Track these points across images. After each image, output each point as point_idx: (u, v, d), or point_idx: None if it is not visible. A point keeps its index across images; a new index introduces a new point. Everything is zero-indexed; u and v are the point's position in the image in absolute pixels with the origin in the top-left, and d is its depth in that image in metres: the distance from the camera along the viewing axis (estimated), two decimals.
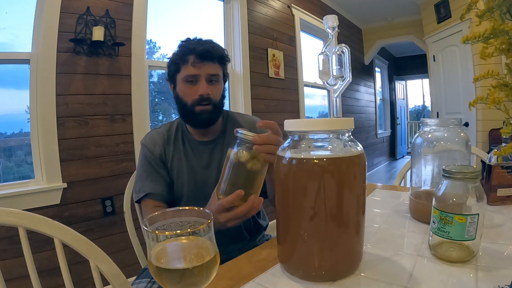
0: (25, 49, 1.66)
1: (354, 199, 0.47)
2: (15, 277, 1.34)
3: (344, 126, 0.47)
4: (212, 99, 0.93)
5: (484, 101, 0.48)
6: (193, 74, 0.91)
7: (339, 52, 0.74)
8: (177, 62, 0.93)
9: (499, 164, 0.78)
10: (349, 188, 0.46)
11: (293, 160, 0.47)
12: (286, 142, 0.51)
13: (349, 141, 0.48)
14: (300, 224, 0.48)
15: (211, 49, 0.91)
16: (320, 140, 0.48)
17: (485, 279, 0.45)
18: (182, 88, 0.93)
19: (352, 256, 0.49)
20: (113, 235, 1.87)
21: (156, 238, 0.36)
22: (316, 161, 0.45)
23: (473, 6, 0.48)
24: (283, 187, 0.50)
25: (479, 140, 3.30)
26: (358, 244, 0.49)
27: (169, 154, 0.97)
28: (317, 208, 0.46)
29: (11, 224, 0.62)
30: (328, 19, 0.77)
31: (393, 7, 4.53)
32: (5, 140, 1.71)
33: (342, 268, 0.49)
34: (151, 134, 1.01)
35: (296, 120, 0.49)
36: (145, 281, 0.88)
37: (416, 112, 9.21)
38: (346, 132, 0.48)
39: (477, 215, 0.49)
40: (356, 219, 0.48)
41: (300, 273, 0.50)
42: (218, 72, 0.95)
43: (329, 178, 0.45)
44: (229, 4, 2.79)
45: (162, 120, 2.55)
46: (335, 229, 0.46)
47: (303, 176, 0.46)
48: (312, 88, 3.94)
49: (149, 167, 0.95)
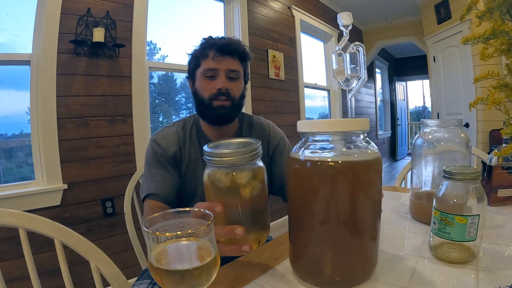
0: (26, 50, 1.66)
1: (371, 203, 0.45)
2: (15, 278, 1.34)
3: (360, 127, 0.45)
4: (231, 94, 0.90)
5: (484, 101, 0.48)
6: (212, 68, 0.89)
7: (354, 50, 0.73)
8: (197, 56, 0.91)
9: (499, 165, 0.78)
10: (365, 193, 0.44)
11: (308, 163, 0.45)
12: (299, 143, 0.49)
13: (364, 143, 0.46)
14: (314, 229, 0.46)
15: (231, 43, 0.90)
16: (335, 142, 0.46)
17: (486, 280, 0.45)
18: (201, 83, 0.91)
19: (368, 262, 0.47)
20: (113, 236, 1.86)
21: (156, 239, 0.36)
22: (331, 163, 0.43)
23: (473, 7, 0.48)
24: (297, 191, 0.48)
25: (480, 140, 3.29)
26: (374, 249, 0.48)
27: (185, 154, 0.93)
28: (332, 213, 0.44)
29: (11, 225, 0.62)
30: (342, 16, 0.75)
31: (393, 8, 4.53)
32: (5, 141, 1.72)
33: (357, 274, 0.47)
34: (165, 131, 0.96)
35: (310, 120, 0.47)
36: (145, 283, 0.87)
37: (417, 113, 9.20)
38: (361, 133, 0.46)
39: (478, 216, 0.49)
40: (373, 225, 0.46)
41: (313, 279, 0.48)
42: (238, 69, 0.93)
43: (344, 181, 0.43)
44: (229, 5, 2.80)
45: (162, 121, 2.55)
46: (351, 234, 0.45)
47: (317, 179, 0.44)
48: (312, 89, 3.95)
49: (157, 165, 0.90)
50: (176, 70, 2.44)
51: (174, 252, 0.38)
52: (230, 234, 0.48)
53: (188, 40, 2.54)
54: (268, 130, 1.03)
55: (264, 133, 1.03)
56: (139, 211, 1.16)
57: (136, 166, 1.96)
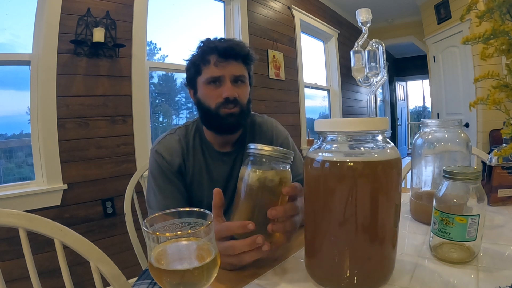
0: (26, 50, 1.66)
1: (392, 207, 0.44)
2: (15, 278, 1.34)
3: (380, 127, 0.43)
4: (239, 101, 0.83)
5: (484, 101, 0.48)
6: (217, 75, 0.82)
7: (373, 48, 0.72)
8: (197, 63, 0.84)
9: (499, 165, 0.77)
10: (386, 195, 0.43)
11: (326, 163, 0.43)
12: (316, 144, 0.47)
13: (384, 143, 0.44)
14: (333, 233, 0.44)
15: (235, 46, 0.82)
16: (354, 142, 0.44)
17: (486, 280, 0.45)
18: (205, 91, 0.84)
19: (387, 266, 0.46)
20: (113, 236, 1.86)
21: (156, 239, 0.36)
22: (350, 164, 0.41)
23: (473, 7, 0.48)
24: (314, 192, 0.46)
25: (480, 140, 3.29)
26: (393, 253, 0.46)
27: (189, 165, 0.88)
28: (353, 216, 0.42)
29: (11, 225, 0.62)
30: (361, 13, 0.73)
31: (393, 8, 4.54)
32: (5, 141, 1.72)
33: (376, 278, 0.45)
34: (167, 141, 0.89)
35: (329, 120, 0.45)
36: (146, 283, 0.87)
37: (417, 113, 9.20)
38: (380, 133, 0.44)
39: (478, 216, 0.49)
40: (394, 230, 0.45)
41: (330, 283, 0.47)
42: (243, 73, 0.86)
43: (365, 183, 0.41)
44: (229, 5, 2.80)
45: (162, 121, 2.55)
46: (372, 238, 0.43)
47: (336, 181, 0.43)
48: (312, 89, 3.95)
49: (164, 179, 0.85)
50: (176, 70, 2.44)
51: (174, 252, 0.38)
52: (252, 245, 0.49)
53: (188, 40, 2.55)
54: (271, 131, 0.98)
55: (267, 133, 0.97)
56: (139, 211, 1.16)
57: (136, 166, 1.96)
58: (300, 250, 0.61)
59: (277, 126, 1.01)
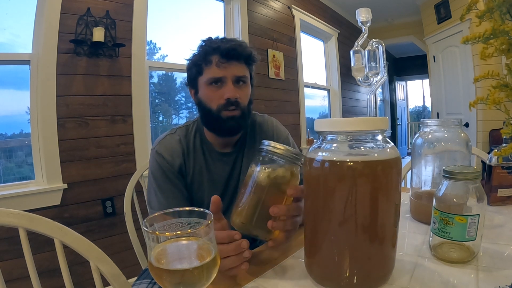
0: (26, 49, 1.66)
1: (392, 206, 0.44)
2: (15, 278, 1.34)
3: (381, 126, 0.43)
4: (241, 103, 0.83)
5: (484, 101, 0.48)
6: (218, 76, 0.81)
7: (373, 47, 0.72)
8: (199, 63, 0.83)
9: (499, 165, 0.78)
10: (386, 195, 0.43)
11: (326, 163, 0.43)
12: (316, 143, 0.47)
13: (384, 143, 0.45)
14: (333, 232, 0.44)
15: (237, 47, 0.82)
16: (354, 141, 0.44)
17: (485, 279, 0.45)
18: (206, 92, 0.83)
19: (386, 265, 0.46)
20: (113, 236, 1.86)
21: (156, 239, 0.36)
22: (350, 164, 0.41)
23: (473, 7, 0.48)
24: (314, 192, 0.46)
25: (480, 140, 3.30)
26: (393, 253, 0.47)
27: (190, 166, 0.88)
28: (352, 216, 0.42)
29: (11, 225, 0.62)
30: (361, 12, 0.73)
31: (393, 7, 4.53)
32: (5, 141, 1.72)
33: (375, 278, 0.46)
34: (167, 141, 0.88)
35: (329, 119, 0.45)
36: (145, 282, 0.87)
37: (417, 113, 9.20)
38: (380, 133, 0.44)
39: (478, 215, 0.49)
40: (394, 229, 0.45)
41: (330, 282, 0.47)
42: (246, 74, 0.86)
43: (365, 183, 0.41)
44: (229, 5, 2.80)
45: (162, 121, 2.55)
46: (372, 238, 0.43)
47: (336, 181, 0.43)
48: (312, 89, 3.95)
49: (164, 180, 0.84)
50: (176, 70, 2.43)
51: (174, 252, 0.38)
52: (237, 250, 0.50)
53: (188, 39, 2.54)
54: (271, 130, 0.97)
55: (267, 133, 0.97)
56: (139, 211, 1.16)
57: (136, 166, 1.96)
58: (300, 250, 0.61)
59: (278, 126, 1.01)
